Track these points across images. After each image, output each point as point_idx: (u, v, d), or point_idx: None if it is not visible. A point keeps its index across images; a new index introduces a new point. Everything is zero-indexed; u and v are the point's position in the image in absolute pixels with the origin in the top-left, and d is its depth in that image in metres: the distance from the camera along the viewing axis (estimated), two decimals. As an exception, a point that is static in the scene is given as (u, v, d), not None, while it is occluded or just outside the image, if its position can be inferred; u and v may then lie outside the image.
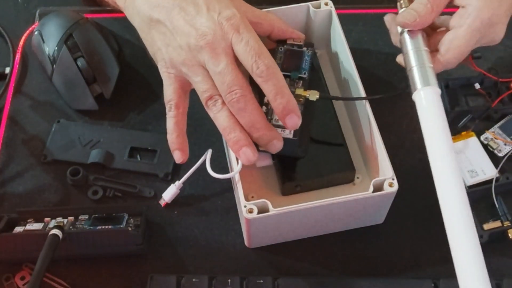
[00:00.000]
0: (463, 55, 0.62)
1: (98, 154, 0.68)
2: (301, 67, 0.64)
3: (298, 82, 0.63)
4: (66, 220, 0.62)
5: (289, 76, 0.63)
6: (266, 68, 0.56)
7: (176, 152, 0.61)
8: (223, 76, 0.57)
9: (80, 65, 0.70)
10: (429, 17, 0.62)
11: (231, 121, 0.58)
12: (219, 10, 0.58)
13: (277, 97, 0.57)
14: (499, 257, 0.63)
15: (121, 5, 0.67)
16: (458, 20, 0.62)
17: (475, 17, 0.61)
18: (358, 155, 0.65)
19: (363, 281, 0.60)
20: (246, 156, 0.58)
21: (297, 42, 0.65)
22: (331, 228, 0.63)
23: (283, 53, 0.65)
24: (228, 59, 0.57)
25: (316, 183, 0.63)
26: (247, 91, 0.57)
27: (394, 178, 0.59)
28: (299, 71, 0.63)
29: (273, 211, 0.57)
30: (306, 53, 0.65)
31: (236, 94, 0.56)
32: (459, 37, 0.61)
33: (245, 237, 0.63)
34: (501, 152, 0.68)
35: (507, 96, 0.71)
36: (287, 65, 0.64)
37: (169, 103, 0.61)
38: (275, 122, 0.60)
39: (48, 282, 0.61)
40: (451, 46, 0.61)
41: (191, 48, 0.58)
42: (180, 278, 0.60)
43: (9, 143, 0.70)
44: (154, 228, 0.64)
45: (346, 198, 0.58)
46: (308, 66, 0.64)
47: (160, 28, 0.60)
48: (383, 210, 0.63)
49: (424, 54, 0.61)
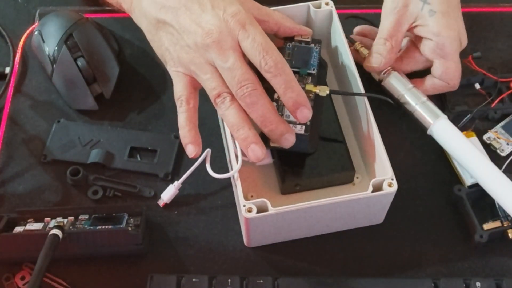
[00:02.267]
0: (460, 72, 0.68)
1: (98, 154, 0.68)
2: (310, 63, 0.64)
3: (307, 78, 0.63)
4: (66, 220, 0.62)
5: (298, 72, 0.63)
6: (275, 64, 0.57)
7: (188, 146, 0.60)
8: (233, 71, 0.57)
9: (80, 65, 0.70)
10: (392, 54, 0.66)
11: (240, 118, 0.58)
12: (224, 7, 0.58)
13: (287, 92, 0.57)
14: (499, 257, 0.63)
15: (127, 8, 0.67)
16: (437, 52, 0.65)
17: (451, 42, 0.64)
18: (358, 155, 0.65)
19: (363, 281, 0.60)
20: (254, 153, 0.58)
21: (304, 38, 0.65)
22: (330, 228, 0.63)
23: (291, 49, 0.65)
24: (236, 54, 0.57)
25: (316, 182, 0.63)
26: (257, 85, 0.57)
27: (394, 178, 0.59)
28: (308, 67, 0.64)
29: (272, 211, 0.57)
30: (314, 49, 0.65)
31: (247, 88, 0.57)
32: (452, 66, 0.66)
33: (244, 236, 0.63)
34: (503, 152, 0.68)
35: (507, 96, 0.71)
36: (295, 61, 0.64)
37: (179, 99, 0.61)
38: (285, 118, 0.60)
39: (48, 282, 0.61)
40: (454, 75, 0.66)
41: (198, 46, 0.58)
42: (180, 278, 0.60)
43: (9, 143, 0.70)
44: (154, 228, 0.64)
45: (345, 198, 0.58)
46: (317, 62, 0.64)
47: (167, 28, 0.61)
48: (383, 210, 0.63)
49: (415, 92, 0.67)
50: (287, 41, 0.65)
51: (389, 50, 0.66)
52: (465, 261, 0.63)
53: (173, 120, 0.71)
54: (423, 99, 0.66)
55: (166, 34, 0.61)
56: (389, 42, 0.66)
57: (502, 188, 0.61)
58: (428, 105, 0.66)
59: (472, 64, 0.71)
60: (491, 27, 0.77)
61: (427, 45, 0.66)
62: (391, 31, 0.66)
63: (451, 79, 0.67)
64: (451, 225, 0.65)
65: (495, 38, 0.77)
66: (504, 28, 0.78)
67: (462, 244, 0.63)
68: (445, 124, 0.65)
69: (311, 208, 0.58)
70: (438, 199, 0.66)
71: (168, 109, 0.71)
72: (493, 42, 0.76)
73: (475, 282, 0.60)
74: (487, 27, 0.77)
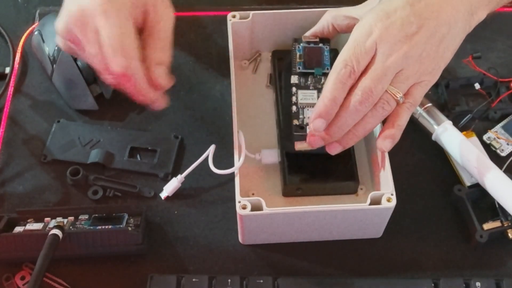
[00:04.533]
0: None
1: (98, 154, 0.68)
2: (323, 63, 0.64)
3: (322, 78, 0.63)
4: (66, 220, 0.62)
5: (313, 73, 0.63)
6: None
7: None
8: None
9: (80, 65, 0.70)
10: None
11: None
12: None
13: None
14: (499, 257, 0.63)
15: None
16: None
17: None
18: (366, 167, 0.65)
19: (363, 281, 0.60)
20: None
21: (312, 39, 0.65)
22: (325, 236, 0.63)
23: (303, 50, 0.65)
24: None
25: (318, 189, 0.63)
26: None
27: (393, 194, 0.58)
28: (322, 67, 0.64)
29: (266, 210, 0.57)
30: (325, 49, 0.65)
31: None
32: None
33: (239, 232, 0.63)
34: (503, 152, 0.68)
35: (507, 96, 0.71)
36: (308, 62, 0.64)
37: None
38: (308, 120, 0.60)
39: (48, 282, 0.61)
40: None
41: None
42: (180, 278, 0.60)
43: (9, 143, 0.70)
44: (154, 228, 0.64)
45: (341, 208, 0.58)
46: (330, 61, 0.64)
47: None
48: (380, 225, 0.62)
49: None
50: (295, 42, 0.65)
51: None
52: (465, 261, 0.63)
53: (173, 120, 0.71)
54: (427, 105, 0.66)
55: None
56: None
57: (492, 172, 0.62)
58: (432, 111, 0.66)
59: (472, 64, 0.71)
60: (491, 27, 0.77)
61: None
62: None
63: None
64: (451, 225, 0.65)
65: (495, 38, 0.77)
66: (504, 28, 0.78)
67: (462, 244, 0.63)
68: (450, 130, 0.65)
69: (305, 213, 0.58)
70: (438, 199, 0.66)
71: (168, 109, 0.71)
72: (493, 42, 0.76)
73: (475, 282, 0.60)
74: (487, 27, 0.77)
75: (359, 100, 0.55)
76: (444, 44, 0.57)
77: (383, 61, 0.55)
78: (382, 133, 0.57)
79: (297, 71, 0.64)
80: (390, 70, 0.55)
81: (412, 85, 0.57)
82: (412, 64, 0.56)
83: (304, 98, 0.62)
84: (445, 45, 0.57)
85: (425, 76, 0.57)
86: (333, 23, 0.65)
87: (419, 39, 0.55)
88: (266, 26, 0.69)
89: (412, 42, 0.55)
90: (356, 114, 0.56)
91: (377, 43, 0.55)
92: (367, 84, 0.55)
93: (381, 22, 0.56)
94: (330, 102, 0.55)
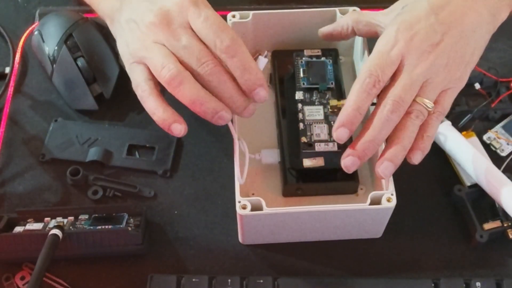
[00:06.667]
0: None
1: (96, 152, 0.68)
2: (327, 78, 0.64)
3: (327, 93, 0.63)
4: (66, 220, 0.62)
5: (317, 88, 0.63)
6: (232, 42, 0.54)
7: (174, 125, 0.56)
8: (189, 49, 0.54)
9: (80, 65, 0.70)
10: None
11: (204, 91, 0.55)
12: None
13: (245, 74, 0.54)
14: (499, 257, 0.63)
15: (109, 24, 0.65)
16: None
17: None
18: (366, 167, 0.65)
19: (363, 281, 0.60)
20: (224, 119, 0.55)
21: (315, 53, 0.65)
22: (325, 236, 0.63)
23: (305, 65, 0.65)
24: (189, 32, 0.55)
25: (318, 188, 0.63)
26: (217, 61, 0.55)
27: (394, 194, 0.58)
28: (326, 82, 0.64)
29: (266, 210, 0.57)
30: (327, 63, 0.65)
31: (208, 65, 0.54)
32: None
33: (239, 233, 0.63)
34: (503, 152, 0.68)
35: (507, 96, 0.71)
36: (312, 77, 0.64)
37: (138, 86, 0.57)
38: (316, 137, 0.61)
39: (48, 282, 0.61)
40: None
41: (148, 27, 0.56)
42: (180, 278, 0.60)
43: (9, 143, 0.70)
44: (154, 228, 0.64)
45: (340, 208, 0.58)
46: (333, 75, 0.64)
47: (131, 24, 0.58)
48: (380, 225, 0.62)
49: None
50: (297, 56, 0.65)
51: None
52: (465, 261, 0.63)
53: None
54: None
55: (129, 30, 0.58)
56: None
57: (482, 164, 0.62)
58: None
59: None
60: (491, 27, 0.77)
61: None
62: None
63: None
64: (451, 225, 0.65)
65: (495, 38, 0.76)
66: (504, 28, 0.77)
67: (462, 244, 0.63)
68: (449, 130, 0.65)
69: (305, 213, 0.58)
70: (438, 199, 0.66)
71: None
72: (493, 42, 0.76)
73: (475, 282, 0.60)
74: (487, 27, 0.77)
75: (390, 109, 0.54)
76: (470, 49, 0.57)
77: (410, 71, 0.55)
78: (412, 146, 0.56)
79: (301, 86, 0.64)
80: (418, 80, 0.55)
81: (440, 93, 0.56)
82: (439, 72, 0.56)
83: (310, 115, 0.63)
84: (471, 50, 0.57)
85: (452, 82, 0.56)
86: (354, 26, 0.64)
87: (445, 47, 0.55)
88: (266, 26, 0.69)
89: (438, 51, 0.55)
90: (388, 124, 0.55)
91: (403, 54, 0.55)
92: (397, 93, 0.55)
93: (405, 32, 0.56)
94: (353, 111, 0.55)
